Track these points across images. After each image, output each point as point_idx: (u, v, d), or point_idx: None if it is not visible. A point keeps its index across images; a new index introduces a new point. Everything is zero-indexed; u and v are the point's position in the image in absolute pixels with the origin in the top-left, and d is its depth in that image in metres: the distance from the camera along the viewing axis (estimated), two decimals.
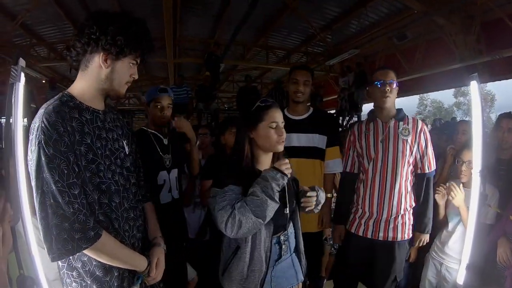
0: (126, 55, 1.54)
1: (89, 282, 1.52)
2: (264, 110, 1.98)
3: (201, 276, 3.30)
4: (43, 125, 1.37)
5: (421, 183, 2.76)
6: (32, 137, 1.38)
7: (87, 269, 1.52)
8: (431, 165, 2.75)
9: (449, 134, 3.88)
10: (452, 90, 35.16)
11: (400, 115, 2.78)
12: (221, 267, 2.03)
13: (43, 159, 1.35)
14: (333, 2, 9.90)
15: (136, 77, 1.64)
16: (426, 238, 2.80)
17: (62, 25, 11.18)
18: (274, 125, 1.96)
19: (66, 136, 1.41)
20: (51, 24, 11.17)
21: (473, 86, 2.33)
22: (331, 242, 3.78)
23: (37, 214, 1.37)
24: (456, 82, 10.31)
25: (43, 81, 13.40)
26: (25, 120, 1.98)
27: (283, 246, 2.07)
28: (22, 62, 1.73)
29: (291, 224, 2.12)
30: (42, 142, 1.35)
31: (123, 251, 1.56)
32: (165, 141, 2.84)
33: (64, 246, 1.37)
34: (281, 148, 1.98)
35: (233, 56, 13.20)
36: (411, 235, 2.80)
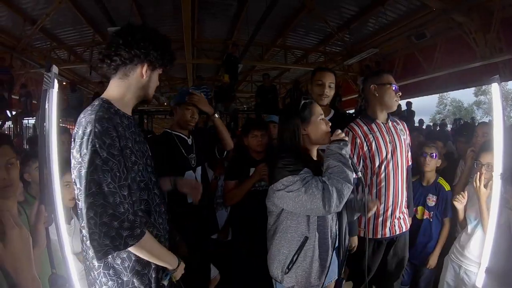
0: (163, 68, 1.76)
1: (125, 279, 1.62)
2: (310, 105, 2.13)
3: (223, 276, 3.34)
4: (96, 130, 1.48)
5: (409, 174, 3.02)
6: (82, 141, 1.48)
7: (126, 265, 1.63)
8: (412, 159, 3.06)
9: (467, 136, 3.83)
10: (473, 89, 34.59)
11: (391, 117, 2.90)
12: (282, 263, 2.06)
13: (97, 162, 1.46)
14: (350, 0, 9.88)
15: (158, 84, 1.82)
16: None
17: (81, 28, 11.41)
18: (322, 116, 2.12)
19: (117, 141, 1.54)
20: (70, 27, 11.39)
21: (495, 89, 2.30)
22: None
23: (84, 214, 1.47)
24: (477, 81, 10.19)
25: (64, 83, 13.62)
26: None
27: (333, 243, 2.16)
28: (55, 69, 1.78)
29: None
30: (97, 146, 1.47)
31: (160, 249, 1.68)
32: (189, 141, 2.88)
33: (112, 243, 1.47)
34: (328, 139, 2.08)
35: (251, 56, 13.21)
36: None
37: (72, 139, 1.55)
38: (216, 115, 2.96)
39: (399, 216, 2.83)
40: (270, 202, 2.11)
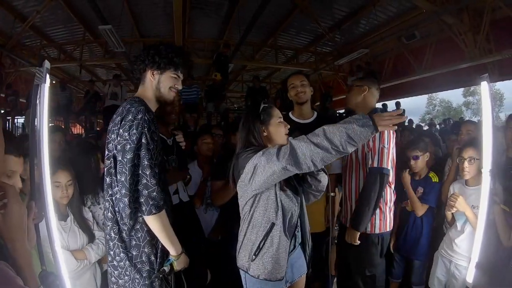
0: (166, 69, 2.11)
1: (134, 253, 1.95)
2: (270, 108, 2.25)
3: (213, 275, 3.32)
4: (146, 117, 1.90)
5: (367, 177, 2.82)
6: (133, 124, 1.87)
7: (139, 235, 1.95)
8: (374, 162, 2.77)
9: (458, 134, 3.90)
10: (461, 89, 35.04)
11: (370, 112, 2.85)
12: (249, 250, 2.12)
13: (143, 141, 1.86)
14: (342, 1, 9.90)
15: (180, 87, 2.21)
16: (353, 234, 2.80)
17: (72, 26, 11.31)
18: (281, 119, 2.25)
19: (156, 130, 1.96)
20: (61, 25, 11.29)
21: (484, 87, 2.34)
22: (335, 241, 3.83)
23: (125, 180, 1.83)
24: (466, 81, 10.28)
25: (53, 82, 13.49)
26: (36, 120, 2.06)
27: (297, 238, 2.25)
28: (47, 64, 1.78)
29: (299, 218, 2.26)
30: (146, 129, 1.88)
31: (171, 230, 1.99)
32: (169, 141, 2.78)
33: (140, 207, 1.87)
34: (286, 140, 2.17)
35: (242, 56, 13.19)
36: (381, 230, 2.88)
37: (118, 123, 1.91)
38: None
39: (347, 208, 2.98)
40: (242, 199, 2.20)
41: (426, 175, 3.40)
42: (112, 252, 1.97)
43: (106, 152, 1.98)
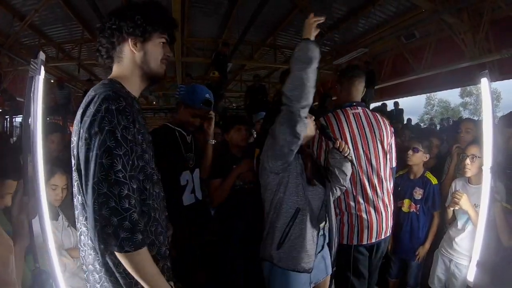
0: (151, 34, 1.51)
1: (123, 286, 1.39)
2: None
3: (209, 274, 3.29)
4: (112, 107, 1.30)
5: None
6: (95, 118, 1.29)
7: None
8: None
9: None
10: (458, 90, 35.18)
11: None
12: (274, 238, 2.07)
13: (108, 144, 1.26)
14: (341, 0, 9.90)
15: (171, 54, 1.63)
16: None
17: (71, 25, 11.27)
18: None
19: (132, 125, 1.34)
20: (59, 24, 11.24)
21: (484, 83, 2.32)
22: None
23: (88, 201, 1.28)
24: (465, 81, 10.27)
25: (52, 81, 13.43)
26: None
27: (326, 238, 2.24)
28: (42, 56, 1.73)
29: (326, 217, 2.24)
30: (113, 125, 1.28)
31: (154, 269, 1.36)
32: (189, 139, 2.73)
33: (107, 238, 1.26)
34: (314, 130, 2.29)
35: (241, 55, 13.16)
36: (348, 241, 2.61)
37: (80, 119, 1.34)
38: (212, 141, 2.86)
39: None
40: (265, 187, 2.14)
41: (422, 175, 3.33)
42: (98, 286, 1.41)
43: (73, 161, 1.40)
